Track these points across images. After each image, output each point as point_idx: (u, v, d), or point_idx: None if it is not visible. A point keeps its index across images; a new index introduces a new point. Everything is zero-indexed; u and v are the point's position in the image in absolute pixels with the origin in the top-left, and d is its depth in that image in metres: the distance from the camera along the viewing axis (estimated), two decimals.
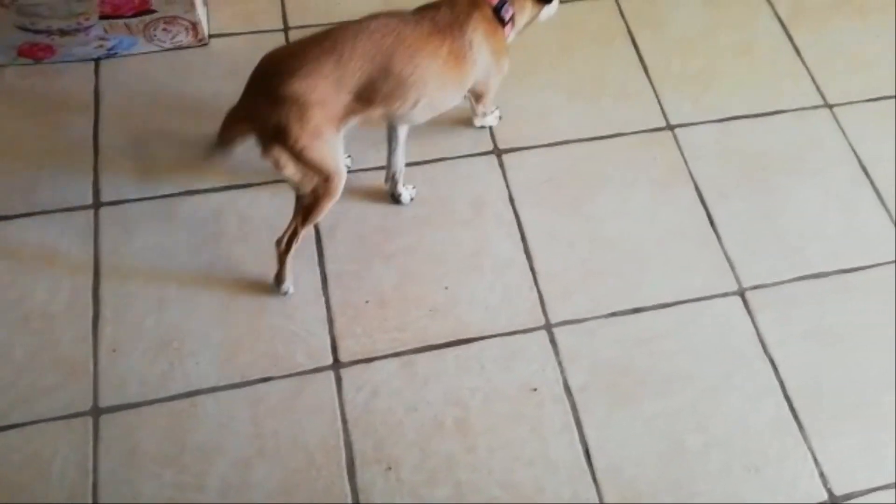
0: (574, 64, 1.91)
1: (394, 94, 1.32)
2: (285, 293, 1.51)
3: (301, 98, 1.23)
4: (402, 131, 1.54)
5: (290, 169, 1.30)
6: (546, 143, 1.78)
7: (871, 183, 1.79)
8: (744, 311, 1.58)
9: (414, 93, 1.34)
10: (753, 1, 2.08)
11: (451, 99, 1.46)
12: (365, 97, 1.30)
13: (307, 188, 1.35)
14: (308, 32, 1.89)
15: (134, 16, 1.75)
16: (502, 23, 1.43)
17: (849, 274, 1.65)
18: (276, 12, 1.94)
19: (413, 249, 1.60)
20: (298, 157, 1.27)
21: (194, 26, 1.83)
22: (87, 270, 1.50)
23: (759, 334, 1.56)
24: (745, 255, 1.65)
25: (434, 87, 1.37)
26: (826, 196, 1.76)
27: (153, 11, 1.76)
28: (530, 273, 1.59)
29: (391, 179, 1.62)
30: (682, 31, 2.00)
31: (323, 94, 1.25)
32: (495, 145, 1.77)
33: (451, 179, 1.71)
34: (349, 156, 1.67)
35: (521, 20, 1.48)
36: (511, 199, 1.69)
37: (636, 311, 1.56)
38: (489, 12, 1.40)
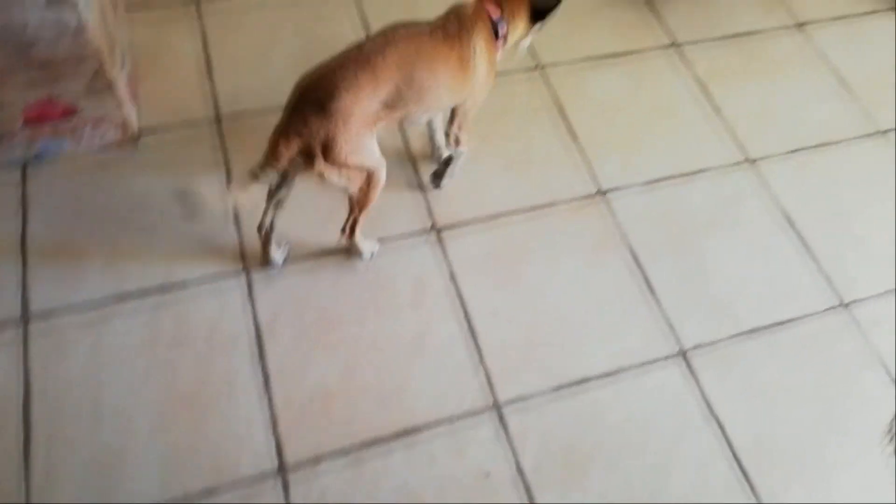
0: (506, 135, 1.96)
1: (413, 100, 1.44)
2: (371, 255, 1.68)
3: (346, 110, 1.35)
4: (290, 189, 1.53)
5: (336, 179, 1.41)
6: (483, 216, 1.81)
7: (797, 233, 1.86)
8: (687, 372, 1.61)
9: (429, 98, 1.48)
10: (672, 65, 2.18)
11: (452, 104, 1.60)
12: (390, 104, 1.42)
13: (354, 188, 1.47)
14: (241, 120, 1.94)
15: (60, 118, 1.73)
16: (496, 36, 1.55)
17: (781, 326, 1.70)
18: (208, 102, 1.94)
19: (356, 337, 1.59)
20: (343, 166, 1.39)
21: (123, 123, 1.81)
22: (16, 391, 1.45)
23: (703, 395, 1.58)
24: (682, 316, 1.69)
25: (444, 92, 1.51)
26: (754, 250, 1.82)
27: (80, 112, 1.74)
28: (476, 351, 1.59)
29: (266, 235, 1.60)
30: (607, 97, 2.07)
31: (363, 104, 1.37)
32: (433, 223, 1.78)
33: (391, 261, 1.71)
34: (288, 243, 1.67)
35: (512, 38, 1.60)
36: (452, 277, 1.70)
37: (582, 381, 1.57)
38: (490, 24, 1.54)
